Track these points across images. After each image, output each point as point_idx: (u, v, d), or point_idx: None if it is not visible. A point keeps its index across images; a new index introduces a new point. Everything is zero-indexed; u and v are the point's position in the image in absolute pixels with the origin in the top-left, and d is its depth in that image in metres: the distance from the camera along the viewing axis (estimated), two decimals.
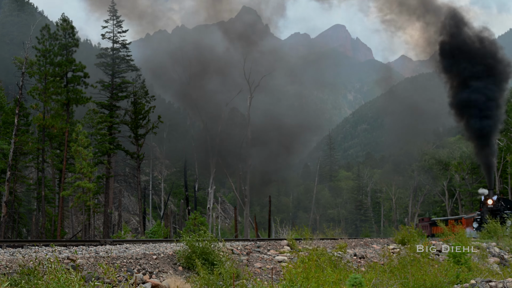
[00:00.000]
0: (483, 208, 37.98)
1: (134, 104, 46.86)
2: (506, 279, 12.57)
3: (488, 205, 37.79)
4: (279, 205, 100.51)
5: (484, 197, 39.22)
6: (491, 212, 36.60)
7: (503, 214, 36.71)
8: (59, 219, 35.39)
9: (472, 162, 62.31)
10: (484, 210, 37.68)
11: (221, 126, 62.48)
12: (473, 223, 38.50)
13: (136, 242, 16.89)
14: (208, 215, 51.83)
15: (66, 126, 35.84)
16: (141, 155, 47.03)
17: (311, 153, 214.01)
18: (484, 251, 20.57)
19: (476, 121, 38.98)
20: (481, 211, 38.34)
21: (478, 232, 35.62)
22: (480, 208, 39.04)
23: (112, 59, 47.24)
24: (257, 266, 14.30)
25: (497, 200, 38.83)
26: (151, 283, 10.92)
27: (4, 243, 13.48)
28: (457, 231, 22.87)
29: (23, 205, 42.75)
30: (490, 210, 36.97)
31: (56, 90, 36.09)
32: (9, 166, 33.99)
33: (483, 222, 35.42)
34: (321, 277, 10.84)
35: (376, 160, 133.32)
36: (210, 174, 52.78)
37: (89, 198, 33.05)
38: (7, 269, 9.50)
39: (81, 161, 32.75)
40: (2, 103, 40.04)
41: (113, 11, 48.55)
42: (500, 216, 35.95)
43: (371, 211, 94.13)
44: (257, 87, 53.07)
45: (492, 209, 37.17)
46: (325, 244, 18.45)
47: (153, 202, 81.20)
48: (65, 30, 37.77)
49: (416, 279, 12.32)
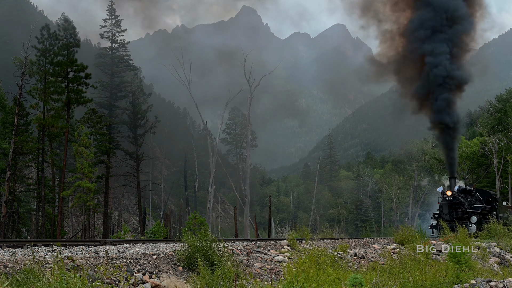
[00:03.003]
0: (442, 202, 31.34)
1: (132, 104, 46.88)
2: (506, 279, 12.56)
3: (446, 197, 31.01)
4: (279, 205, 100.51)
5: (446, 187, 32.88)
6: (450, 207, 30.49)
7: (467, 209, 30.36)
8: (59, 219, 35.36)
9: (473, 162, 62.31)
10: (443, 203, 31.09)
11: (221, 126, 62.48)
12: (431, 219, 31.96)
13: (136, 242, 16.87)
14: (208, 215, 51.83)
15: (66, 126, 35.83)
16: (140, 155, 47.03)
17: (311, 153, 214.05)
18: (485, 251, 20.55)
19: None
20: (439, 205, 31.60)
21: (436, 231, 29.99)
22: (438, 202, 32.19)
23: (111, 58, 47.24)
24: (257, 266, 14.29)
25: (460, 191, 32.02)
26: (151, 283, 10.91)
27: (4, 243, 13.46)
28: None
29: (23, 205, 42.71)
30: (448, 204, 30.59)
31: (56, 90, 36.08)
32: (9, 166, 33.97)
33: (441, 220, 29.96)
34: (321, 277, 10.83)
35: (376, 160, 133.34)
36: (210, 174, 52.75)
37: (89, 198, 33.04)
38: (7, 269, 9.49)
39: (82, 161, 32.74)
40: (3, 103, 40.00)
41: (111, 10, 48.56)
42: (462, 212, 30.21)
43: (371, 211, 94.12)
44: (257, 86, 53.11)
45: (452, 203, 30.63)
46: (325, 244, 18.44)
47: (153, 202, 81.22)
48: (67, 30, 37.77)
49: (416, 279, 12.31)
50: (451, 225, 27.61)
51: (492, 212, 32.42)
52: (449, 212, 30.44)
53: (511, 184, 55.81)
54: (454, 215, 30.24)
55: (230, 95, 54.50)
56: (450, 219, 30.04)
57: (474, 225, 29.24)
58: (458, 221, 29.16)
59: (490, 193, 34.05)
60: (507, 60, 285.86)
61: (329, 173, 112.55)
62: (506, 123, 54.35)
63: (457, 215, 30.21)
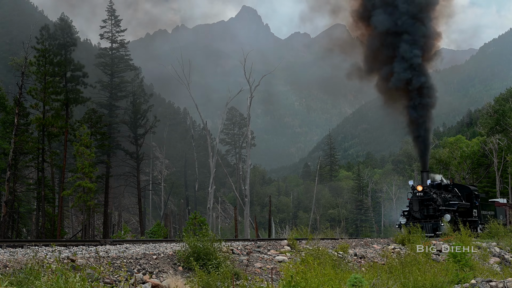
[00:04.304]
0: (411, 198, 28.11)
1: (133, 104, 46.91)
2: (506, 279, 12.57)
3: (417, 193, 27.67)
4: (279, 205, 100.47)
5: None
6: (421, 204, 27.35)
7: (440, 206, 27.10)
8: (59, 219, 35.37)
9: (473, 162, 62.31)
10: (413, 200, 27.83)
11: (221, 126, 62.48)
12: (400, 217, 28.82)
13: (136, 242, 16.87)
14: (208, 215, 51.79)
15: (66, 126, 35.85)
16: (140, 155, 47.05)
17: (311, 153, 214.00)
18: (485, 251, 20.55)
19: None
20: (409, 201, 28.43)
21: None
22: (408, 198, 29.05)
23: (111, 58, 47.28)
24: (257, 266, 14.29)
25: (433, 186, 28.86)
26: (151, 283, 10.91)
27: (4, 243, 13.45)
28: None
29: (23, 205, 42.70)
30: (419, 201, 27.45)
31: (55, 90, 36.11)
32: (9, 166, 33.97)
33: (411, 218, 27.43)
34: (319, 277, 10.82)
35: (376, 160, 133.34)
36: (210, 174, 52.75)
37: (90, 198, 33.03)
38: (7, 269, 9.48)
39: (83, 161, 32.74)
40: (4, 103, 40.00)
41: (111, 10, 48.60)
42: (434, 209, 26.90)
43: (371, 211, 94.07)
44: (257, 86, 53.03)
45: (422, 199, 27.40)
46: (325, 244, 18.44)
47: (153, 202, 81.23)
48: (63, 29, 37.80)
49: (416, 279, 12.31)
50: (422, 224, 24.31)
51: (472, 209, 29.59)
52: (420, 209, 27.12)
53: (511, 184, 55.82)
54: (425, 212, 27.02)
55: (230, 95, 54.39)
56: (421, 217, 27.00)
57: (447, 224, 25.71)
58: (430, 220, 26.37)
59: (470, 189, 30.86)
60: (507, 60, 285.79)
61: (329, 173, 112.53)
62: (505, 124, 54.37)
63: (428, 213, 26.92)
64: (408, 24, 29.84)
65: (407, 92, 29.77)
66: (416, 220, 26.34)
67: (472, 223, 27.08)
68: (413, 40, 29.75)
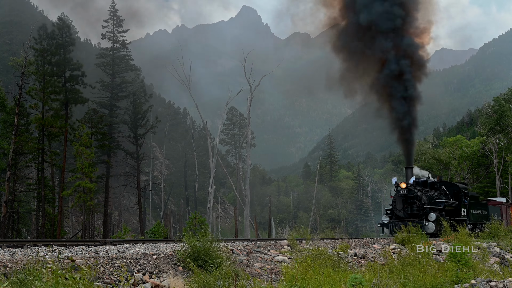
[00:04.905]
0: (395, 196, 26.84)
1: (133, 104, 46.94)
2: (506, 279, 12.57)
3: (400, 190, 26.41)
4: (279, 205, 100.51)
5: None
6: (404, 202, 26.08)
7: (425, 205, 25.77)
8: (59, 219, 35.39)
9: (473, 162, 62.31)
10: (396, 198, 26.51)
11: (221, 126, 62.46)
12: (383, 216, 27.58)
13: (136, 242, 16.87)
14: (208, 215, 51.79)
15: (65, 126, 35.86)
16: (140, 155, 47.05)
17: (311, 153, 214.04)
18: (485, 251, 20.55)
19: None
20: (392, 199, 27.16)
21: (387, 230, 26.08)
22: (391, 196, 27.79)
23: (112, 59, 47.31)
24: (257, 266, 14.29)
25: (418, 183, 27.74)
26: (151, 283, 10.91)
27: (4, 243, 13.45)
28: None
29: (23, 205, 42.73)
30: (402, 199, 26.17)
31: (54, 90, 36.12)
32: (9, 166, 33.98)
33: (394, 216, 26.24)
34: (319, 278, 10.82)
35: (376, 160, 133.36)
36: (210, 174, 52.75)
37: (90, 198, 33.04)
38: (7, 269, 9.48)
39: (83, 161, 32.75)
40: (4, 103, 40.04)
41: (113, 11, 48.66)
42: (418, 208, 25.69)
43: (371, 211, 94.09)
44: (257, 86, 53.04)
45: (406, 197, 26.14)
46: (325, 244, 18.44)
47: (153, 202, 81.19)
48: (61, 29, 37.82)
49: (416, 279, 12.31)
50: (405, 223, 23.07)
51: (460, 208, 28.32)
52: (403, 207, 25.92)
53: (511, 184, 55.83)
54: (408, 211, 25.89)
55: (230, 95, 54.39)
56: (405, 216, 25.87)
57: (432, 223, 24.68)
58: (414, 219, 25.12)
59: (459, 187, 29.49)
60: (507, 60, 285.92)
61: (329, 173, 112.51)
62: (505, 124, 54.37)
63: (412, 212, 25.75)
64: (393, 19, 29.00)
65: (390, 83, 28.75)
66: (399, 219, 25.46)
67: (460, 222, 25.55)
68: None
